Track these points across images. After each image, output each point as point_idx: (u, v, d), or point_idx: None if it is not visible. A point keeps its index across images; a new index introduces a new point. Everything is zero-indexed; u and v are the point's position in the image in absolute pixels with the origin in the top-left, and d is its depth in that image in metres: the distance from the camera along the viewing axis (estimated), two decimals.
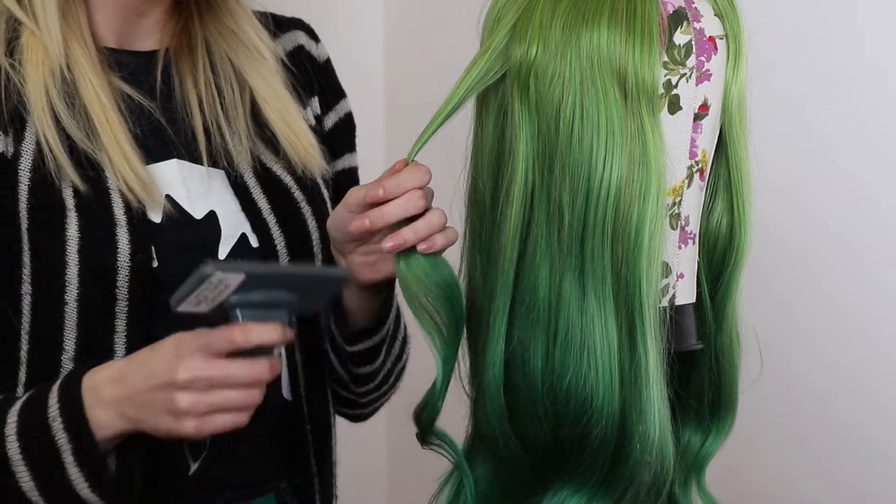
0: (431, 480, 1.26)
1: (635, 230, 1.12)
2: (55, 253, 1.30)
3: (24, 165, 1.30)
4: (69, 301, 1.30)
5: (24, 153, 1.31)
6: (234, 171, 1.40)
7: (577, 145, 1.13)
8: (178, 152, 1.39)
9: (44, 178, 1.30)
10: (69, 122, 1.32)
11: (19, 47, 1.33)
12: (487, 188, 1.20)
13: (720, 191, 1.22)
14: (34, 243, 1.30)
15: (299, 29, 1.54)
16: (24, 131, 1.31)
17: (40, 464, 1.22)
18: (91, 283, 1.30)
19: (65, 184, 1.31)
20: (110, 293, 1.30)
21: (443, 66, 1.19)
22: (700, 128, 1.18)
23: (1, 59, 1.32)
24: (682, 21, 1.15)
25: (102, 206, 1.32)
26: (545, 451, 1.17)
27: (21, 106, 1.31)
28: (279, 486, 1.42)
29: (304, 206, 1.44)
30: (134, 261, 1.31)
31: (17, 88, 1.32)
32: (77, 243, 1.30)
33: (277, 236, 1.40)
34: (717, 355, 1.24)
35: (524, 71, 1.14)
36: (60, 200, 1.30)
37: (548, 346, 1.15)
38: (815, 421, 1.95)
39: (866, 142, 1.87)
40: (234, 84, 1.44)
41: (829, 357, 1.93)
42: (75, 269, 1.30)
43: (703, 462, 1.27)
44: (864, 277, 1.90)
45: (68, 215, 1.30)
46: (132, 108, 1.37)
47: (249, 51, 1.45)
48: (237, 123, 1.42)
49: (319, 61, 1.55)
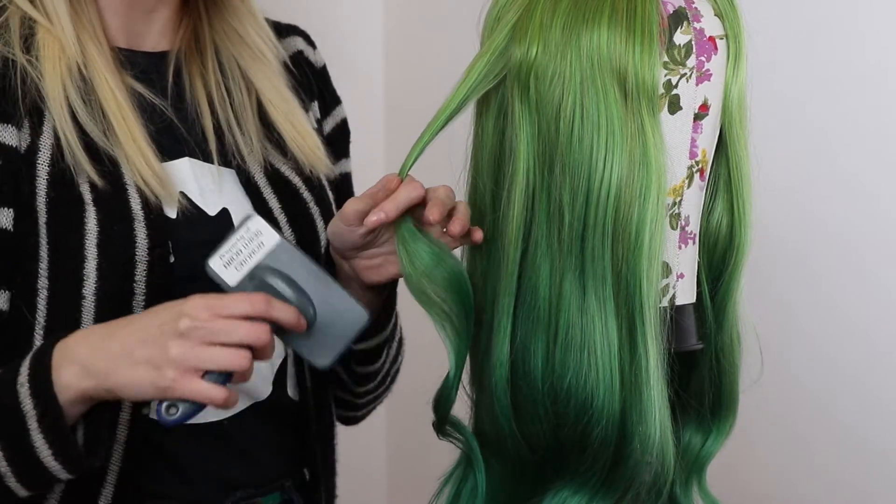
0: (431, 480, 1.26)
1: (635, 230, 1.12)
2: (74, 247, 1.30)
3: (42, 160, 1.31)
4: (87, 295, 1.30)
5: (42, 147, 1.31)
6: (246, 170, 1.41)
7: (577, 145, 1.13)
8: (190, 151, 1.40)
9: (63, 172, 1.30)
10: (86, 119, 1.32)
11: (35, 44, 1.34)
12: (488, 188, 1.20)
13: (720, 191, 1.22)
14: (52, 237, 1.30)
15: (297, 35, 1.56)
16: (42, 125, 1.31)
17: (7, 431, 1.20)
18: (109, 277, 1.30)
19: (81, 179, 1.31)
20: (128, 287, 1.31)
21: (443, 67, 1.20)
22: (700, 128, 1.18)
23: (18, 54, 1.32)
24: (683, 21, 1.15)
25: (120, 200, 1.32)
26: (546, 450, 1.17)
27: (39, 100, 1.32)
28: (284, 485, 1.43)
29: (312, 206, 1.45)
30: (152, 255, 1.31)
31: (35, 84, 1.32)
32: (96, 237, 1.30)
33: (288, 235, 1.41)
34: (717, 355, 1.24)
35: (524, 71, 1.14)
36: (79, 195, 1.31)
37: (548, 345, 1.15)
38: (815, 421, 1.95)
39: (866, 142, 1.87)
40: (242, 86, 1.45)
41: (829, 357, 1.93)
42: (94, 263, 1.30)
43: (704, 462, 1.27)
44: (864, 277, 1.90)
45: (87, 209, 1.30)
46: (145, 106, 1.38)
47: (254, 53, 1.46)
48: (247, 125, 1.43)
49: (317, 67, 1.56)
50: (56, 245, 1.30)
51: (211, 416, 1.36)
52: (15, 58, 1.32)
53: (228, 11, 1.45)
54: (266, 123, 1.45)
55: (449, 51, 1.23)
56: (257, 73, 1.45)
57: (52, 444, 1.19)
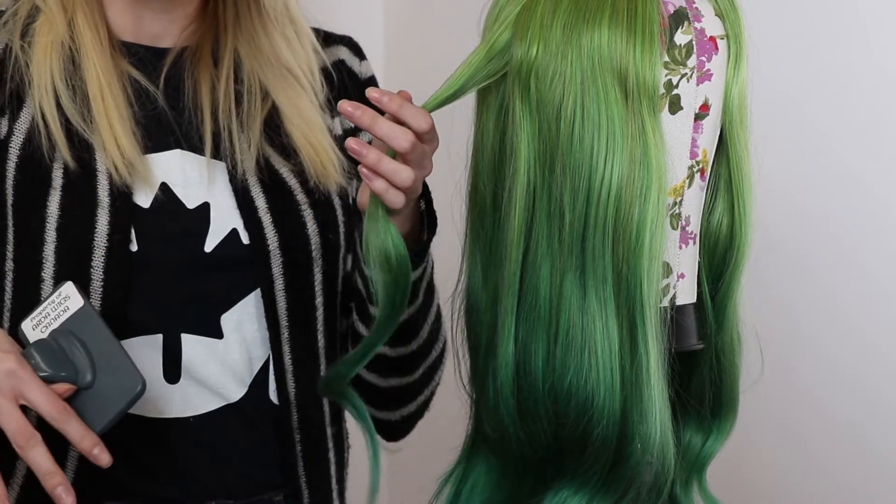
0: (431, 480, 1.26)
1: (636, 230, 1.12)
2: (35, 229, 1.31)
3: (14, 143, 1.32)
4: (45, 278, 1.31)
5: (17, 131, 1.32)
6: (237, 166, 1.40)
7: (577, 145, 1.13)
8: (180, 142, 1.39)
9: (32, 155, 1.32)
10: (68, 103, 1.33)
11: (33, 29, 1.35)
12: (488, 189, 1.20)
13: (721, 191, 1.22)
14: (18, 220, 1.31)
15: (345, 45, 1.54)
16: (21, 110, 1.33)
17: None
18: (66, 261, 1.31)
19: (56, 163, 1.32)
20: (85, 272, 1.31)
21: (443, 67, 1.19)
22: (701, 128, 1.18)
23: (15, 41, 1.34)
24: (683, 21, 1.15)
25: (89, 186, 1.33)
26: (546, 450, 1.17)
27: (23, 85, 1.33)
28: (272, 499, 1.41)
29: (305, 208, 1.43)
30: (111, 242, 1.31)
31: (22, 69, 1.33)
32: (56, 220, 1.31)
33: (271, 236, 1.40)
34: (717, 355, 1.24)
35: (525, 71, 1.14)
36: (47, 178, 1.32)
37: (549, 345, 1.15)
38: (815, 420, 1.95)
39: (866, 142, 1.87)
40: (257, 96, 1.43)
41: (830, 357, 1.93)
42: (52, 247, 1.31)
43: (705, 462, 1.27)
44: (865, 277, 1.90)
45: (52, 193, 1.32)
46: (139, 92, 1.38)
47: (278, 69, 1.44)
48: (250, 128, 1.41)
49: (361, 78, 1.54)
50: (19, 227, 1.31)
51: (175, 412, 1.36)
52: (12, 44, 1.34)
53: (257, 25, 1.43)
54: (277, 131, 1.43)
55: (449, 51, 1.22)
56: (279, 91, 1.43)
57: None
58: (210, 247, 1.38)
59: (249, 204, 1.40)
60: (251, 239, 1.39)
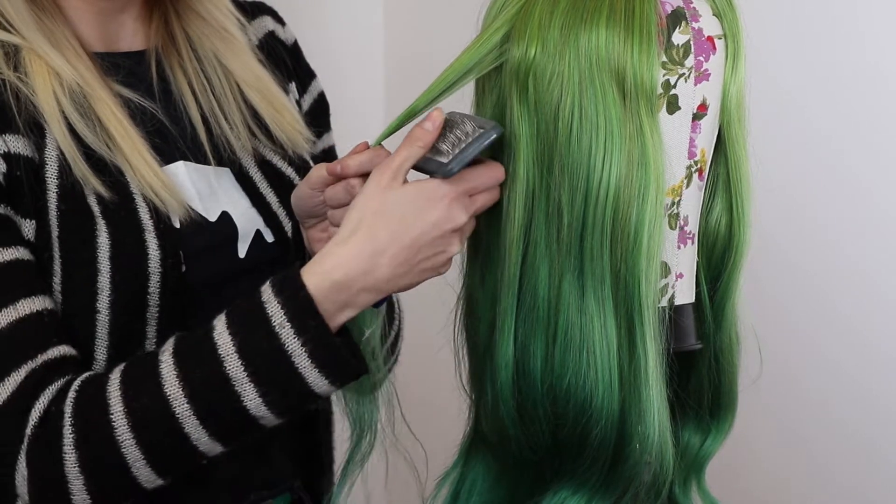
0: (431, 480, 1.26)
1: (634, 230, 1.12)
2: (87, 260, 1.29)
3: (50, 173, 1.29)
4: (101, 309, 1.29)
5: (49, 161, 1.29)
6: (239, 165, 1.41)
7: (575, 145, 1.13)
8: (183, 153, 1.39)
9: (72, 185, 1.29)
10: (85, 131, 1.31)
11: (21, 62, 1.32)
12: None
13: (719, 190, 1.22)
14: (65, 251, 1.29)
15: (265, 14, 1.54)
16: (45, 139, 1.30)
17: (270, 376, 1.18)
18: (123, 289, 1.29)
19: (87, 190, 1.30)
20: (142, 299, 1.30)
21: (443, 67, 1.19)
22: (699, 128, 1.18)
23: (8, 73, 1.30)
24: (681, 21, 1.15)
25: (129, 211, 1.31)
26: (545, 451, 1.17)
27: (37, 115, 1.30)
28: (293, 485, 1.43)
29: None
30: (164, 266, 1.31)
31: (29, 99, 1.30)
32: (108, 250, 1.29)
33: (289, 229, 1.41)
34: (716, 355, 1.24)
35: (523, 71, 1.14)
36: (88, 208, 1.30)
37: (547, 346, 1.15)
38: (815, 420, 1.95)
39: (866, 142, 1.87)
40: (220, 71, 1.44)
41: (828, 357, 1.93)
42: (107, 277, 1.29)
43: (703, 462, 1.27)
44: (864, 277, 1.90)
45: (97, 222, 1.29)
46: (134, 111, 1.36)
47: (219, 32, 1.45)
48: (232, 113, 1.42)
49: (288, 44, 1.55)
50: (69, 259, 1.29)
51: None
52: (4, 76, 1.30)
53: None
54: (248, 107, 1.44)
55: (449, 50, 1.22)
56: (227, 53, 1.44)
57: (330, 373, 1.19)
58: (242, 252, 1.39)
59: (262, 202, 1.41)
60: (274, 236, 1.41)
